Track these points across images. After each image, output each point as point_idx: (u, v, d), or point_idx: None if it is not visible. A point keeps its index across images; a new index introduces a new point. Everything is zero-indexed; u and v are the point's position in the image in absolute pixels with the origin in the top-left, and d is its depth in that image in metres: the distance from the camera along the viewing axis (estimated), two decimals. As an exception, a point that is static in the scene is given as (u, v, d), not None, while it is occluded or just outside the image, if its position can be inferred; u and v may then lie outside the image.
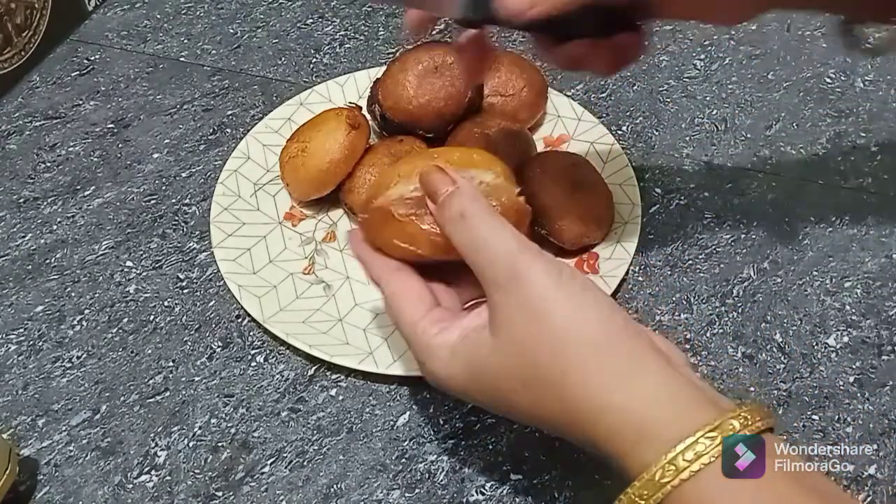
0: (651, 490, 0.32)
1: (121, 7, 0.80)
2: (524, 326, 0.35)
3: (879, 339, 0.53)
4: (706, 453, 0.31)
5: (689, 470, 0.31)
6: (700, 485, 0.31)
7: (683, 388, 0.34)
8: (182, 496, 0.47)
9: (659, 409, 0.33)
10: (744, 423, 0.32)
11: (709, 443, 0.31)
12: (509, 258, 0.36)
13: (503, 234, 0.37)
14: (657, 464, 0.32)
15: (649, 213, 0.60)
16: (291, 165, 0.58)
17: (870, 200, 0.61)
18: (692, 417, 0.32)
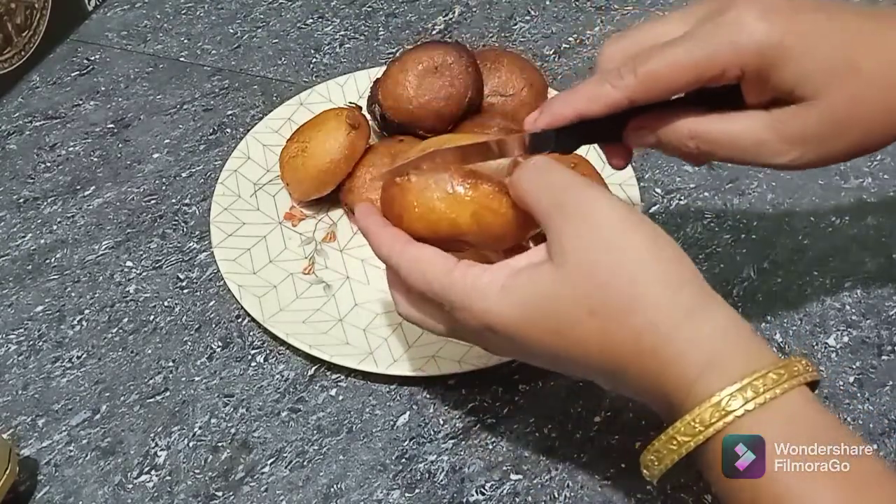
0: (719, 415, 0.31)
1: (121, 7, 0.80)
2: (597, 254, 0.34)
3: (879, 339, 0.53)
4: (779, 384, 0.31)
5: (755, 402, 0.31)
6: (762, 418, 0.31)
7: (745, 327, 0.34)
8: (182, 496, 0.47)
9: (729, 341, 0.33)
10: (804, 368, 0.32)
11: (776, 377, 0.32)
12: (577, 187, 0.35)
13: (567, 171, 0.36)
14: (725, 391, 0.31)
15: (649, 213, 0.60)
16: (291, 165, 0.58)
17: (870, 200, 0.61)
18: (759, 354, 0.33)
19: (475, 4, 0.78)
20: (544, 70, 0.68)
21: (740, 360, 0.32)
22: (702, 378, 0.32)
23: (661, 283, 0.34)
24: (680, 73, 0.37)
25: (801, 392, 0.32)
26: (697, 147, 0.39)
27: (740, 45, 0.36)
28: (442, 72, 0.58)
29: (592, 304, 0.34)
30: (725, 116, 0.38)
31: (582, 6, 0.77)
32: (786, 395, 0.31)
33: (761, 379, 0.31)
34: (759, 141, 0.38)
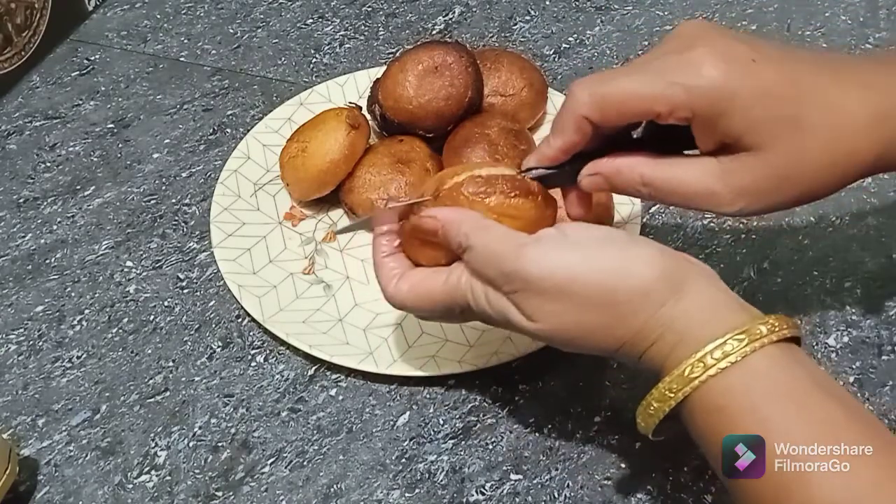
0: (680, 384, 0.34)
1: (121, 7, 0.80)
2: (558, 310, 0.37)
3: (879, 339, 0.53)
4: (733, 353, 0.34)
5: (717, 367, 0.34)
6: (725, 381, 0.34)
7: (720, 296, 0.36)
8: (182, 496, 0.47)
9: (697, 314, 0.35)
10: (771, 329, 0.34)
11: (736, 344, 0.34)
12: (508, 266, 0.37)
13: (496, 246, 0.38)
14: (687, 360, 0.34)
15: (649, 213, 0.60)
16: (291, 165, 0.58)
17: (870, 200, 0.61)
18: (724, 320, 0.35)
19: (475, 4, 0.78)
20: (544, 70, 0.68)
21: (707, 329, 0.35)
22: (674, 352, 0.35)
23: (635, 297, 0.36)
24: (631, 102, 0.38)
25: (777, 349, 0.34)
26: (650, 193, 0.41)
27: (692, 88, 0.37)
28: (442, 72, 0.58)
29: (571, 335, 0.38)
30: (676, 163, 0.40)
31: (582, 6, 0.77)
32: (736, 366, 0.34)
33: (719, 348, 0.34)
34: (709, 191, 0.39)
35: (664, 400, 0.35)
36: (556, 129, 0.41)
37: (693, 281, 0.36)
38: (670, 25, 0.75)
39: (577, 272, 0.37)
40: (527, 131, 0.62)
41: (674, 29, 0.40)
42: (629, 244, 0.38)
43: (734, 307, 0.36)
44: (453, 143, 0.59)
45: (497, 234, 0.39)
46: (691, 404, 0.35)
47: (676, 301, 0.36)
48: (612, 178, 0.41)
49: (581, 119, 0.39)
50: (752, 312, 0.36)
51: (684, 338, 0.35)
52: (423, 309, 0.42)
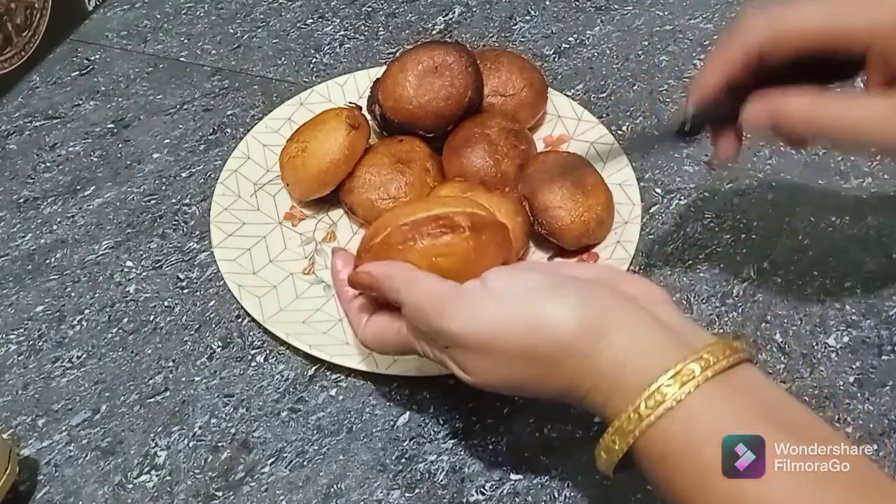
0: (621, 436, 0.33)
1: (121, 7, 0.80)
2: (489, 365, 0.37)
3: (879, 339, 0.53)
4: (667, 399, 0.32)
5: (653, 415, 0.32)
6: (664, 428, 0.32)
7: (650, 335, 0.35)
8: (182, 496, 0.47)
9: (626, 361, 0.34)
10: (705, 365, 0.33)
11: (668, 390, 0.32)
12: (434, 324, 0.38)
13: (422, 303, 0.38)
14: (624, 412, 0.33)
15: (649, 213, 0.60)
16: (291, 165, 0.58)
17: (870, 200, 0.61)
18: (657, 364, 0.33)
19: (475, 4, 0.78)
20: (544, 70, 0.68)
21: (638, 377, 0.33)
22: (608, 404, 0.35)
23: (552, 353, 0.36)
24: (811, 34, 0.37)
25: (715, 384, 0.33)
26: (813, 131, 0.39)
27: (875, 20, 0.36)
28: (442, 72, 0.58)
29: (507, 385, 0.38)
30: (846, 98, 0.39)
31: (582, 6, 0.77)
32: (673, 412, 0.32)
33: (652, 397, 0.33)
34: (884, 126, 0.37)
35: (610, 451, 0.34)
36: (719, 59, 0.40)
37: (618, 326, 0.35)
38: (670, 25, 0.75)
39: (496, 330, 0.36)
40: (527, 131, 0.62)
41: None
42: (549, 296, 0.36)
43: (668, 344, 0.34)
44: (453, 143, 0.59)
45: (423, 289, 0.39)
46: (637, 452, 0.34)
47: (602, 350, 0.34)
48: (782, 112, 0.39)
49: (753, 48, 0.38)
50: (690, 343, 0.34)
51: (618, 387, 0.34)
52: (388, 352, 0.44)
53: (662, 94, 0.69)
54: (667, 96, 0.69)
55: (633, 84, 0.70)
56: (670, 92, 0.69)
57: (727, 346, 0.34)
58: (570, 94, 0.68)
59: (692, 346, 0.34)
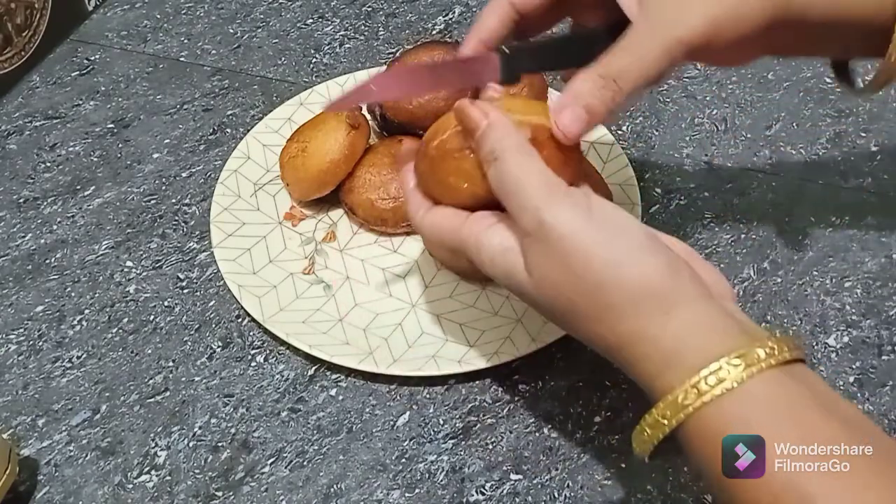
0: (673, 411, 0.33)
1: (121, 7, 0.80)
2: (557, 278, 0.36)
3: (879, 339, 0.53)
4: (728, 379, 0.32)
5: (711, 394, 0.32)
6: (721, 409, 0.32)
7: (716, 318, 0.35)
8: (182, 496, 0.47)
9: (689, 337, 0.34)
10: (769, 353, 0.33)
11: (732, 369, 0.32)
12: (535, 202, 0.36)
13: (531, 178, 0.37)
14: (681, 386, 0.33)
15: (649, 213, 0.60)
16: (291, 165, 0.58)
17: (870, 200, 0.61)
18: (720, 344, 0.33)
19: (475, 4, 0.78)
20: (544, 70, 0.67)
21: (700, 354, 0.33)
22: (663, 375, 0.34)
23: (626, 295, 0.35)
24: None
25: (777, 372, 0.33)
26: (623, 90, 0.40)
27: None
28: (442, 72, 0.58)
29: (562, 310, 0.37)
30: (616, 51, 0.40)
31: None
32: (732, 392, 0.32)
33: (714, 374, 0.32)
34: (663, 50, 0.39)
35: (657, 427, 0.34)
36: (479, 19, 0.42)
37: (688, 303, 0.35)
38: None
39: (589, 243, 0.35)
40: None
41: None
42: (644, 247, 0.36)
43: (732, 330, 0.34)
44: (453, 143, 0.59)
45: (535, 164, 0.37)
46: (687, 431, 0.33)
47: (667, 322, 0.34)
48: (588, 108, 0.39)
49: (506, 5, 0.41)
50: (753, 333, 0.35)
51: (676, 362, 0.34)
52: (436, 247, 0.44)
53: (662, 94, 0.69)
54: (667, 96, 0.69)
55: (633, 84, 0.70)
56: (670, 92, 0.69)
57: (791, 340, 0.34)
58: (570, 94, 0.68)
59: (755, 335, 0.34)
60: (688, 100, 0.69)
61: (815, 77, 0.70)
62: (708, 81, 0.70)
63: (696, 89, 0.70)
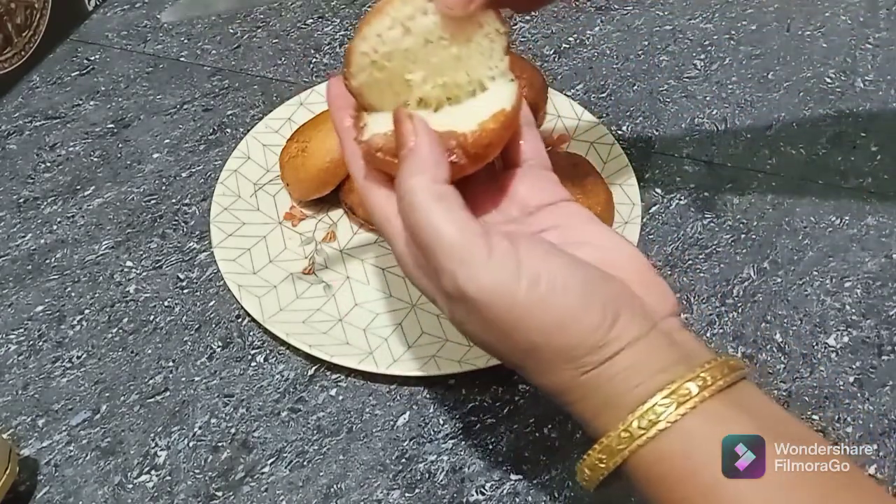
0: (609, 455, 0.32)
1: (121, 7, 0.80)
2: (485, 335, 0.34)
3: (879, 339, 0.53)
4: (661, 419, 0.31)
5: (646, 436, 0.31)
6: (658, 449, 0.31)
7: (654, 354, 0.33)
8: (182, 496, 0.47)
9: (624, 380, 0.33)
10: (702, 385, 0.31)
11: (663, 410, 0.31)
12: (451, 266, 0.32)
13: (444, 237, 0.33)
14: (615, 430, 0.32)
15: (649, 213, 0.60)
16: (291, 165, 0.58)
17: (870, 200, 0.61)
18: (653, 382, 0.32)
19: (475, 4, 0.78)
20: (544, 70, 0.68)
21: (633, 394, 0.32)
22: (598, 418, 0.33)
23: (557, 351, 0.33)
24: None
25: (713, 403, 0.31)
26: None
27: None
28: (442, 72, 0.58)
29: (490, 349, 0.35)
30: None
31: (582, 6, 0.77)
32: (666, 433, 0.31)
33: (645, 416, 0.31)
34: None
35: (596, 469, 0.33)
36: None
37: (627, 346, 0.33)
38: (670, 25, 0.75)
39: (515, 321, 0.32)
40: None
41: None
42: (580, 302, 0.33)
43: (668, 362, 0.33)
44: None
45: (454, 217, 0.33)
46: (631, 472, 0.32)
47: (605, 369, 0.33)
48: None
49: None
50: (690, 362, 0.32)
51: (611, 404, 0.32)
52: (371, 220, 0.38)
53: (662, 94, 0.69)
54: (667, 96, 0.69)
55: (633, 84, 0.70)
56: (670, 92, 0.69)
57: (725, 364, 0.32)
58: (570, 94, 0.68)
59: (692, 364, 0.32)
60: (688, 100, 0.69)
61: (815, 77, 0.70)
62: (708, 81, 0.70)
63: (696, 89, 0.70)
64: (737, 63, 0.72)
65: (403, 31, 0.36)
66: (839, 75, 0.70)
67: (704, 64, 0.72)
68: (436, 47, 0.37)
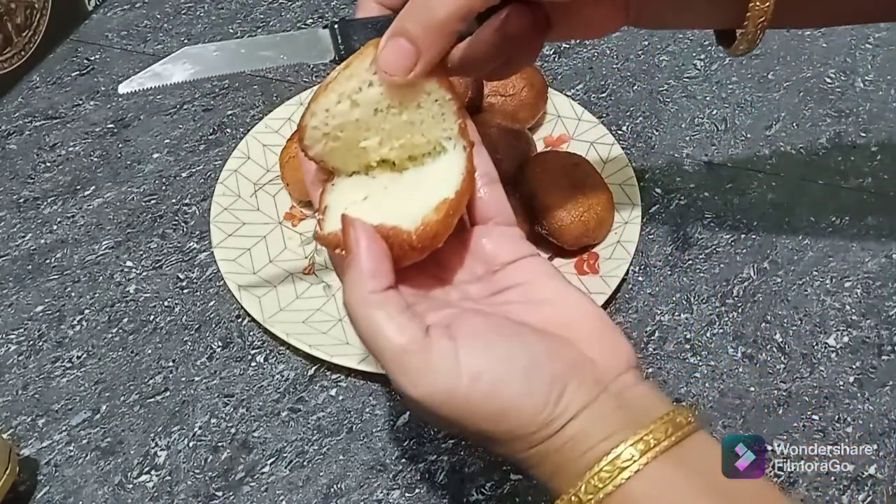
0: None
1: (121, 7, 0.80)
2: (435, 419, 0.35)
3: (879, 339, 0.53)
4: (606, 485, 0.32)
5: (594, 501, 0.32)
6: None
7: (600, 421, 0.33)
8: (182, 496, 0.47)
9: (572, 448, 0.33)
10: (645, 448, 0.32)
11: (607, 475, 0.32)
12: (392, 370, 0.34)
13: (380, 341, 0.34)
14: (565, 495, 0.33)
15: (649, 213, 0.60)
16: (291, 165, 0.58)
17: (870, 200, 0.61)
18: (597, 449, 0.33)
19: (475, 4, 0.78)
20: (544, 70, 0.68)
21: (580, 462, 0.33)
22: (551, 483, 0.34)
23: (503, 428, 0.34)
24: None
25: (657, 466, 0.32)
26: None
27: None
28: (442, 72, 0.58)
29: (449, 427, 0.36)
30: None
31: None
32: (637, 476, 0.31)
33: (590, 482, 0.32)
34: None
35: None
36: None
37: (575, 416, 0.34)
38: (670, 25, 0.75)
39: (464, 410, 0.34)
40: (527, 131, 0.62)
41: None
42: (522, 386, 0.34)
43: (615, 429, 0.33)
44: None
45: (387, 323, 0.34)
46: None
47: (551, 442, 0.34)
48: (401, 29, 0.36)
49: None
50: (635, 424, 0.33)
51: (562, 469, 0.34)
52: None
53: (662, 94, 0.69)
54: (667, 96, 0.69)
55: (633, 84, 0.70)
56: (670, 92, 0.69)
57: (671, 423, 0.32)
58: (570, 94, 0.68)
59: (636, 427, 0.33)
60: (688, 100, 0.69)
61: (815, 77, 0.70)
62: (708, 81, 0.70)
63: (696, 89, 0.70)
64: (737, 63, 0.72)
65: (351, 105, 0.37)
66: (839, 75, 0.70)
67: (704, 64, 0.72)
68: (386, 115, 0.37)
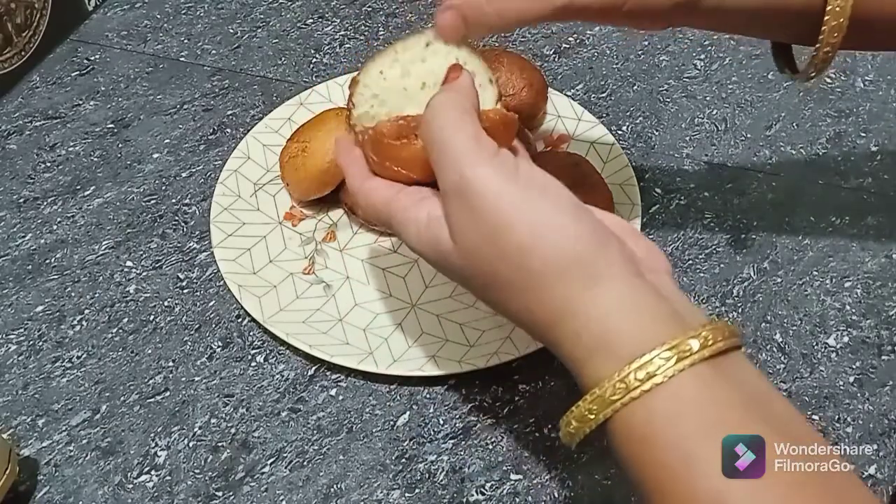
0: (601, 406, 0.31)
1: (121, 7, 0.80)
2: (479, 240, 0.34)
3: (879, 339, 0.53)
4: (658, 373, 0.30)
5: (641, 389, 0.30)
6: (647, 406, 0.30)
7: (647, 300, 0.32)
8: (182, 496, 0.47)
9: (619, 320, 0.32)
10: (703, 343, 0.30)
11: (663, 364, 0.30)
12: (458, 157, 0.35)
13: (459, 133, 0.35)
14: (609, 380, 0.31)
15: (649, 213, 0.60)
16: (291, 165, 0.58)
17: (870, 200, 0.61)
18: (651, 333, 0.31)
19: (475, 4, 0.78)
20: (544, 70, 0.68)
21: (630, 343, 0.31)
22: (590, 362, 0.32)
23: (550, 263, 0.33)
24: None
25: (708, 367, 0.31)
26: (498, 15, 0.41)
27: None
28: (442, 72, 0.58)
29: (486, 282, 0.36)
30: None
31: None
32: (661, 387, 0.30)
33: (643, 368, 0.30)
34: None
35: (584, 421, 0.32)
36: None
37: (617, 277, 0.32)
38: (670, 25, 0.75)
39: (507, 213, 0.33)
40: (527, 131, 0.62)
41: None
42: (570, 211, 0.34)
43: (664, 314, 0.32)
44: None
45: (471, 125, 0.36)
46: (613, 426, 0.31)
47: (596, 295, 0.32)
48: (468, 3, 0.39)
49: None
50: (686, 318, 0.32)
51: (604, 345, 0.32)
52: (369, 215, 0.41)
53: (662, 94, 0.69)
54: (667, 96, 0.69)
55: (633, 84, 0.70)
56: (670, 92, 0.69)
57: (725, 327, 0.31)
58: (570, 94, 0.68)
59: (688, 322, 0.32)
60: (688, 100, 0.69)
61: (815, 77, 0.70)
62: (708, 81, 0.70)
63: (696, 89, 0.70)
64: (737, 63, 0.72)
65: (402, 73, 0.42)
66: (839, 75, 0.70)
67: (704, 64, 0.72)
68: (430, 92, 0.40)
